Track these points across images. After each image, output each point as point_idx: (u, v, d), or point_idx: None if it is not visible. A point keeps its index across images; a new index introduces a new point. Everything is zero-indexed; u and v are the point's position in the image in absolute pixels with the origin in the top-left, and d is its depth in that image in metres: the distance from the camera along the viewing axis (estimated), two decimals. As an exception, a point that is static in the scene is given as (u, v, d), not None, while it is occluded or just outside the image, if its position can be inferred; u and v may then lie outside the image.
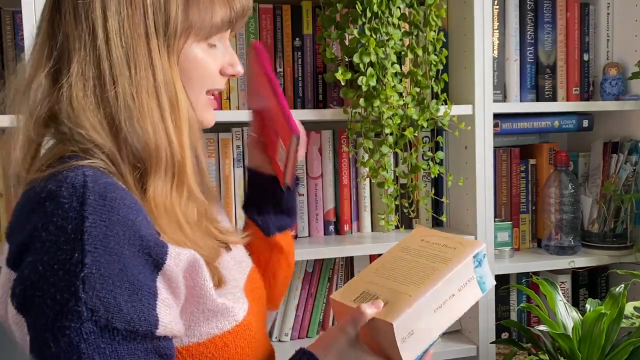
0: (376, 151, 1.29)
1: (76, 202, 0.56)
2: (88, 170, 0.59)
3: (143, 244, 0.58)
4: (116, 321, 0.55)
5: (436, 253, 0.79)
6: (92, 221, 0.55)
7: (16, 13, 1.27)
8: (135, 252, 0.57)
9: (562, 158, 1.50)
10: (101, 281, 0.55)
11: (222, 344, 0.67)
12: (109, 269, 0.55)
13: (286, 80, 1.40)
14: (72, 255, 0.54)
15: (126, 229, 0.57)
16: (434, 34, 1.30)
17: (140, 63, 0.63)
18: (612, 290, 1.19)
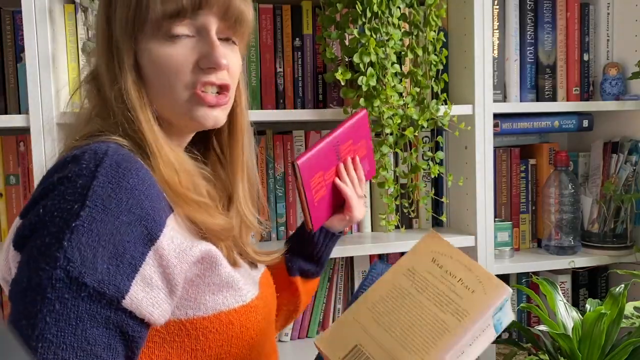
0: (376, 151, 1.29)
1: (93, 164, 0.59)
2: (112, 144, 0.63)
3: (142, 214, 0.59)
4: (87, 277, 0.55)
5: (448, 293, 0.65)
6: (101, 181, 0.58)
7: (16, 13, 1.27)
8: (133, 220, 0.59)
9: (562, 158, 1.50)
10: (88, 236, 0.56)
11: (227, 321, 0.68)
12: (100, 227, 0.57)
13: (286, 80, 1.40)
14: (72, 205, 0.57)
15: (130, 197, 0.59)
16: (434, 34, 1.30)
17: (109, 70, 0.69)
18: (612, 290, 1.19)
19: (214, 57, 0.69)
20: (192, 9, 0.68)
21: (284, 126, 1.46)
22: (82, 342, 0.55)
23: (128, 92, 0.67)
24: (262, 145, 1.39)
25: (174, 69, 0.68)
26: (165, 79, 0.68)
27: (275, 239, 1.41)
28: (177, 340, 0.66)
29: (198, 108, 0.71)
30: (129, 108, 0.67)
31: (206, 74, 0.70)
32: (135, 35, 0.68)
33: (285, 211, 1.41)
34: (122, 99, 0.67)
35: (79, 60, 1.24)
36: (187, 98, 0.70)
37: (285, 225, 1.42)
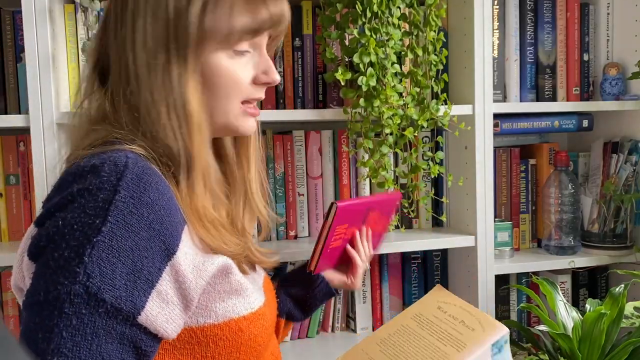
0: (376, 151, 1.29)
1: (114, 177, 0.58)
2: (130, 154, 0.62)
3: (161, 229, 0.59)
4: (105, 293, 0.55)
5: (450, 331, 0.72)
6: (123, 196, 0.57)
7: (16, 13, 1.27)
8: (152, 236, 0.59)
9: (562, 158, 1.50)
10: (108, 251, 0.56)
11: (237, 328, 0.68)
12: (120, 243, 0.56)
13: (286, 80, 1.40)
14: (93, 220, 0.56)
15: (151, 212, 0.59)
16: (434, 34, 1.30)
17: (158, 72, 0.66)
18: (612, 290, 1.19)
19: (273, 75, 0.74)
20: (265, 31, 0.72)
21: (284, 126, 1.46)
22: (96, 358, 0.55)
23: (187, 99, 0.66)
24: (262, 145, 1.39)
25: (236, 83, 0.71)
26: (224, 90, 0.70)
27: (275, 239, 1.41)
28: (188, 347, 0.66)
29: (246, 120, 0.75)
30: (179, 115, 0.66)
31: (260, 89, 0.75)
32: (204, 46, 0.67)
33: (285, 211, 1.41)
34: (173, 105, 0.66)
35: (78, 60, 1.24)
36: (239, 111, 0.73)
37: (285, 225, 1.42)
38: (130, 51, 0.67)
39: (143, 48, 0.66)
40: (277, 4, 0.71)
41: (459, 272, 1.51)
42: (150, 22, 0.66)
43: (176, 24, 0.66)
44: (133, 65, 0.66)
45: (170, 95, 0.66)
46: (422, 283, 1.55)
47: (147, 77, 0.66)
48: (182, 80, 0.66)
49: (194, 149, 0.67)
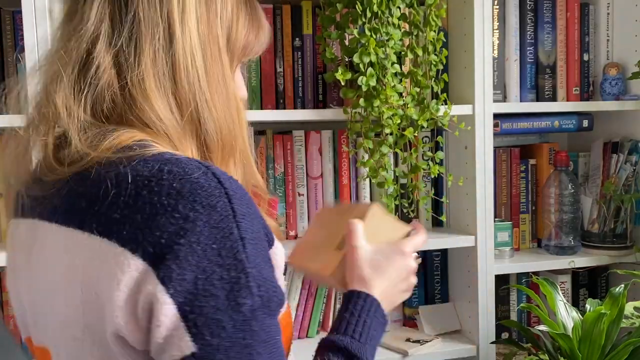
0: (376, 151, 1.29)
1: (213, 181, 0.54)
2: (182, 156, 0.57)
3: (263, 223, 0.59)
4: (273, 295, 0.55)
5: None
6: (237, 198, 0.54)
7: (16, 13, 1.27)
8: (262, 230, 0.58)
9: (562, 158, 1.50)
10: (258, 257, 0.54)
11: (282, 326, 0.65)
12: (258, 245, 0.55)
13: (286, 80, 1.40)
14: (230, 232, 0.53)
15: (254, 208, 0.57)
16: (434, 34, 1.30)
17: (214, 67, 0.63)
18: (612, 290, 1.19)
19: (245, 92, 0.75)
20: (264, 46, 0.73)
21: (284, 126, 1.46)
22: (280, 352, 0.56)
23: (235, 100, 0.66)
24: (262, 145, 1.39)
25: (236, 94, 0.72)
26: None
27: (275, 239, 1.41)
28: None
29: None
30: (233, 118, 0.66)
31: None
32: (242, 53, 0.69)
33: (285, 211, 1.41)
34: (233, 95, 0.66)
35: (79, 60, 1.24)
36: None
37: (285, 225, 1.42)
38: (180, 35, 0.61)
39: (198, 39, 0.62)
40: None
41: (459, 272, 1.51)
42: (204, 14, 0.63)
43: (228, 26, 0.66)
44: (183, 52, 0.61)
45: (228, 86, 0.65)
46: (422, 283, 1.55)
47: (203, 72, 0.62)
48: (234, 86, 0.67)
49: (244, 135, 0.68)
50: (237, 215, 0.53)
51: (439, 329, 1.49)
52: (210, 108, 0.62)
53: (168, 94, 0.61)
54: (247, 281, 0.52)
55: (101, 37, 0.60)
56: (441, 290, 1.56)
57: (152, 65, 0.60)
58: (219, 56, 0.64)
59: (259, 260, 0.54)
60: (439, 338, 1.45)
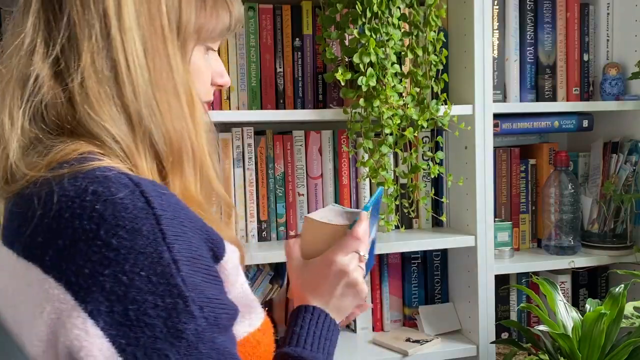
0: (376, 151, 1.29)
1: (139, 201, 0.51)
2: (119, 169, 0.54)
3: (207, 236, 0.56)
4: (221, 313, 0.54)
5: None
6: (166, 218, 0.51)
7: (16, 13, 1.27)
8: (205, 245, 0.55)
9: (562, 158, 1.50)
10: (197, 277, 0.52)
11: (255, 342, 0.65)
12: (197, 264, 0.53)
13: (286, 80, 1.40)
14: (160, 256, 0.50)
15: (193, 223, 0.54)
16: (434, 34, 1.30)
17: (158, 60, 0.59)
18: (612, 290, 1.19)
19: (227, 78, 0.72)
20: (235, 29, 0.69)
21: (284, 126, 1.46)
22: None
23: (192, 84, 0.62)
24: (262, 145, 1.39)
25: (202, 80, 0.68)
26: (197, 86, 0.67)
27: (275, 239, 1.41)
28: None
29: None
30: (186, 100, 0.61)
31: (211, 91, 0.72)
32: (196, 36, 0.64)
33: (285, 211, 1.41)
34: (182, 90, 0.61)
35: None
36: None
37: (285, 225, 1.42)
38: (117, 33, 0.57)
39: (137, 32, 0.58)
40: (240, 5, 0.70)
41: (459, 272, 1.51)
42: (144, 6, 0.59)
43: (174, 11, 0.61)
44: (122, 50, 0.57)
45: (179, 89, 0.61)
46: (422, 283, 1.55)
47: (145, 66, 0.58)
48: (185, 67, 0.62)
49: (202, 144, 0.63)
50: (167, 237, 0.50)
51: (439, 329, 1.49)
52: (155, 108, 0.58)
53: (113, 98, 0.57)
54: (187, 305, 0.50)
55: (37, 47, 0.58)
56: (441, 290, 1.56)
57: (92, 69, 0.56)
58: (164, 49, 0.60)
59: (199, 281, 0.52)
60: (439, 338, 1.45)
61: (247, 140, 1.37)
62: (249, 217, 1.38)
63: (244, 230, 1.39)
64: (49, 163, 0.55)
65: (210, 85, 0.71)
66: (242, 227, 1.39)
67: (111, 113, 0.57)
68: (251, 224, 1.39)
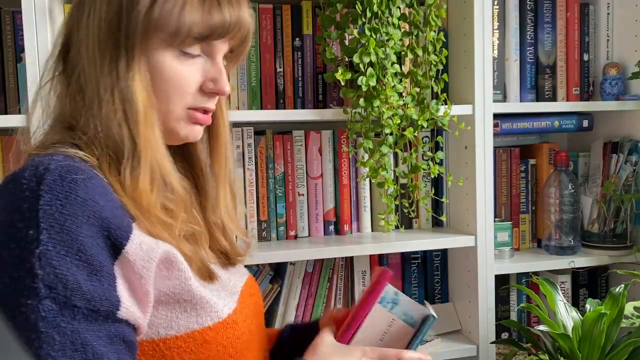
0: (376, 151, 1.29)
1: (34, 182, 0.55)
2: (59, 156, 0.60)
3: (103, 225, 0.57)
4: (76, 299, 0.53)
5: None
6: (47, 199, 0.55)
7: (16, 13, 1.27)
8: (95, 232, 0.56)
9: (562, 158, 1.50)
10: (58, 258, 0.53)
11: (202, 340, 0.65)
12: (65, 246, 0.54)
13: (286, 80, 1.40)
14: (26, 232, 0.53)
15: (85, 209, 0.56)
16: (434, 34, 1.30)
17: (106, 60, 0.64)
18: (612, 290, 1.19)
19: (221, 85, 0.70)
20: (217, 36, 0.68)
21: (284, 126, 1.46)
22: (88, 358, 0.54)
23: (134, 91, 0.63)
24: (262, 145, 1.39)
25: (180, 86, 0.67)
26: (166, 92, 0.67)
27: (275, 239, 1.41)
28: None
29: (188, 126, 0.71)
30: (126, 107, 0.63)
31: (207, 98, 0.70)
32: (150, 40, 0.64)
33: (285, 211, 1.41)
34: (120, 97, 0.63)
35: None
36: (182, 116, 0.69)
37: (285, 225, 1.42)
38: (84, 36, 0.65)
39: (95, 34, 0.64)
40: (234, 10, 0.67)
41: (459, 272, 1.51)
42: (104, 9, 0.64)
43: (127, 12, 0.63)
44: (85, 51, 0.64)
45: (117, 85, 0.63)
46: (422, 283, 1.55)
47: (95, 64, 0.63)
48: (130, 73, 0.63)
49: (141, 140, 0.64)
50: (39, 216, 0.54)
51: (439, 329, 1.49)
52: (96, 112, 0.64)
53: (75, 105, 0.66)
54: (34, 282, 0.52)
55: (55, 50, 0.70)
56: (441, 290, 1.56)
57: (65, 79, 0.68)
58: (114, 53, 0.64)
59: (60, 263, 0.53)
60: (439, 338, 1.45)
61: (247, 140, 1.37)
62: (249, 217, 1.38)
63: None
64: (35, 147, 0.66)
65: (196, 90, 0.69)
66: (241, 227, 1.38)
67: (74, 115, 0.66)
68: (251, 224, 1.39)
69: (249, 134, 1.37)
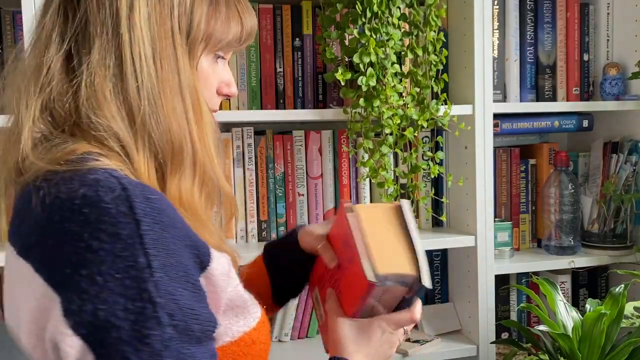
0: (376, 151, 1.29)
1: (125, 206, 0.52)
2: (114, 172, 0.55)
3: (192, 244, 0.57)
4: (191, 323, 0.54)
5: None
6: (147, 224, 0.53)
7: (16, 13, 1.27)
8: (188, 252, 0.56)
9: (562, 158, 1.50)
10: (172, 284, 0.52)
11: (250, 341, 0.66)
12: (174, 271, 0.53)
13: (286, 80, 1.40)
14: (135, 260, 0.51)
15: (177, 230, 0.55)
16: (434, 34, 1.30)
17: (166, 61, 0.61)
18: (612, 290, 1.19)
19: (234, 88, 0.72)
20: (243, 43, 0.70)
21: (284, 126, 1.46)
22: None
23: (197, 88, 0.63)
24: (262, 145, 1.39)
25: (212, 90, 0.70)
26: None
27: (275, 239, 1.41)
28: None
29: None
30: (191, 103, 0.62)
31: (218, 100, 0.72)
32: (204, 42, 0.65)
33: (285, 211, 1.41)
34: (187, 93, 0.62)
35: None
36: None
37: (285, 225, 1.42)
38: (126, 31, 0.59)
39: (146, 31, 0.60)
40: (253, 18, 0.71)
41: (459, 272, 1.51)
42: (156, 9, 0.61)
43: (185, 16, 0.63)
44: (130, 48, 0.59)
45: (184, 89, 0.62)
46: (422, 283, 1.54)
47: (152, 64, 0.60)
48: (192, 77, 0.64)
49: (207, 146, 0.64)
50: (145, 242, 0.52)
51: (439, 329, 1.49)
52: (158, 106, 0.60)
53: (119, 97, 0.59)
54: (155, 311, 0.51)
55: (53, 40, 0.60)
56: (441, 290, 1.56)
57: (100, 67, 0.59)
58: (173, 51, 0.62)
59: (175, 288, 0.53)
60: (439, 338, 1.45)
61: (247, 140, 1.37)
62: (249, 217, 1.39)
63: (244, 230, 1.39)
64: (50, 160, 0.56)
65: (215, 93, 0.71)
66: (242, 227, 1.39)
67: (113, 109, 0.58)
68: (251, 224, 1.39)
69: (249, 134, 1.37)
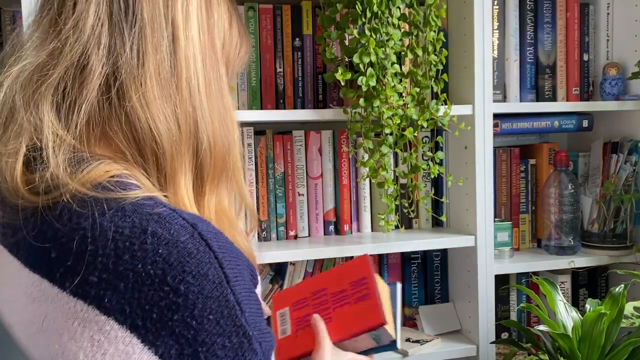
0: (376, 151, 1.29)
1: (203, 245, 0.52)
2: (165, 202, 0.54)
3: (247, 264, 0.57)
4: (269, 348, 0.55)
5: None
6: (227, 261, 0.53)
7: (16, 13, 1.27)
8: (248, 274, 0.56)
9: (562, 158, 1.50)
10: (253, 313, 0.54)
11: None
12: (251, 300, 0.54)
13: (286, 80, 1.40)
14: (226, 300, 0.51)
15: (241, 258, 0.56)
16: (434, 34, 1.30)
17: (212, 74, 0.61)
18: (612, 290, 1.19)
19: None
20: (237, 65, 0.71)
21: (284, 126, 1.46)
22: None
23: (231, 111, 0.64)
24: (262, 145, 1.39)
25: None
26: None
27: (275, 239, 1.41)
28: None
29: None
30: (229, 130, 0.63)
31: None
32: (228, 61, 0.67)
33: (285, 211, 1.41)
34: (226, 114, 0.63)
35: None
36: None
37: (285, 225, 1.42)
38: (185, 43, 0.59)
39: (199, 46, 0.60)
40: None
41: (459, 272, 1.51)
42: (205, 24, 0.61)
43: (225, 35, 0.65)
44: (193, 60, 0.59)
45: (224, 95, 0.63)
46: (422, 283, 1.55)
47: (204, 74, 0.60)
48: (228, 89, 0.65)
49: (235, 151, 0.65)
50: (229, 280, 0.52)
51: (439, 329, 1.49)
52: (207, 119, 0.60)
53: (169, 106, 0.57)
54: (251, 343, 0.52)
55: (102, 41, 0.56)
56: (441, 290, 1.56)
57: (156, 75, 0.56)
58: (217, 66, 0.63)
59: (255, 315, 0.54)
60: (439, 338, 1.45)
61: (247, 140, 1.37)
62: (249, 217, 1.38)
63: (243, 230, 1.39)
64: (83, 181, 0.52)
65: None
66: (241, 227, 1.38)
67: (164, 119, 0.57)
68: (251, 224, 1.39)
69: (249, 134, 1.37)
